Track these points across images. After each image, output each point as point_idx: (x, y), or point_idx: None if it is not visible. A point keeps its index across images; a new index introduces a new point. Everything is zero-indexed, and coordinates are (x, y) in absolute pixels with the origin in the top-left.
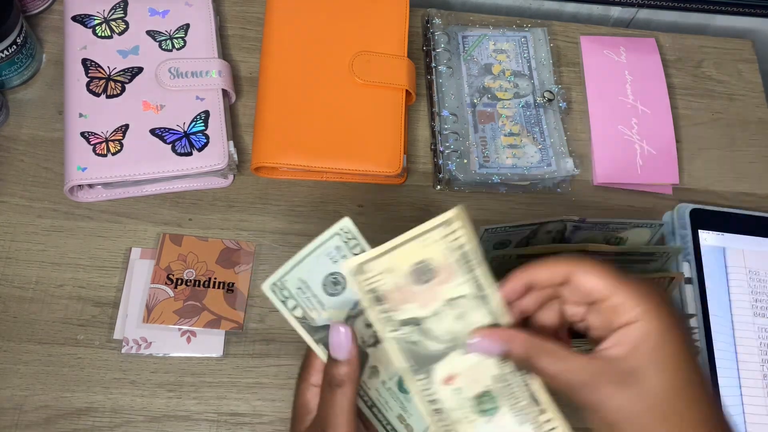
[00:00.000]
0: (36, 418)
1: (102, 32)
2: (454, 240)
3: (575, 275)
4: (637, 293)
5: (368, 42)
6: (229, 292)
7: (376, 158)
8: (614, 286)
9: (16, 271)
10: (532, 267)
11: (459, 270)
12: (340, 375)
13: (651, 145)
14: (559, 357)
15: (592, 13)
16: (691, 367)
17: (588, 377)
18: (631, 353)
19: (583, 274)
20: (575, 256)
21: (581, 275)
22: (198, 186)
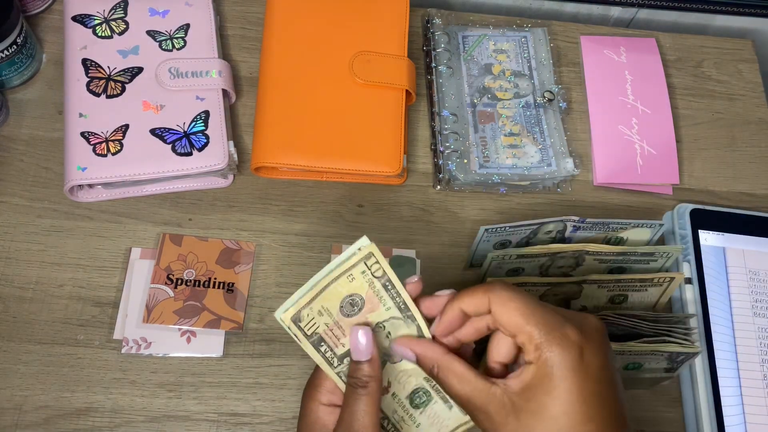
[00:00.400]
0: (36, 418)
1: (102, 32)
2: (374, 271)
3: (493, 305)
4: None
5: (368, 42)
6: (229, 292)
7: (376, 158)
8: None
9: (16, 271)
10: (460, 296)
11: (383, 297)
12: (364, 375)
13: (651, 145)
14: (462, 378)
15: (592, 13)
16: (582, 415)
17: (484, 403)
18: (522, 392)
19: (500, 305)
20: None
21: (499, 306)
22: (198, 186)
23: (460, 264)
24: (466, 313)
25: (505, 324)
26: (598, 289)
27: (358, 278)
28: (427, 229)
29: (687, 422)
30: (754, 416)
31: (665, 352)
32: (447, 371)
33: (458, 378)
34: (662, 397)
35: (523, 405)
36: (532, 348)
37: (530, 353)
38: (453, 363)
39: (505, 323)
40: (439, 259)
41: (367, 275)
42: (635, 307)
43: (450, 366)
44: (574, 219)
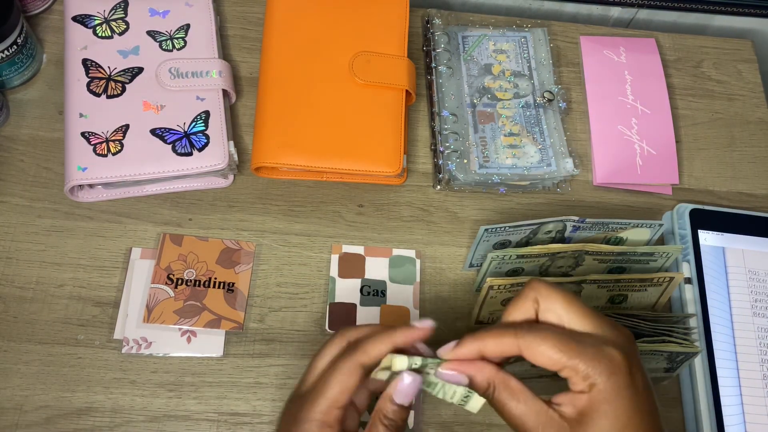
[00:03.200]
0: (36, 418)
1: (102, 32)
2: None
3: (525, 350)
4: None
5: (368, 42)
6: (229, 292)
7: (376, 158)
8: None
9: (17, 271)
10: (481, 337)
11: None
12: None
13: (651, 145)
14: (519, 398)
15: (592, 13)
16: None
17: (541, 424)
18: (580, 418)
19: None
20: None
21: (531, 351)
22: (198, 186)
23: (460, 264)
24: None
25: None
26: (598, 289)
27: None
28: (427, 229)
29: (687, 422)
30: (754, 416)
31: (665, 352)
32: (504, 390)
33: (515, 397)
34: (662, 397)
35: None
36: (579, 379)
37: (579, 384)
38: (510, 381)
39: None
40: (439, 259)
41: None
42: (635, 307)
43: (507, 384)
44: (573, 219)
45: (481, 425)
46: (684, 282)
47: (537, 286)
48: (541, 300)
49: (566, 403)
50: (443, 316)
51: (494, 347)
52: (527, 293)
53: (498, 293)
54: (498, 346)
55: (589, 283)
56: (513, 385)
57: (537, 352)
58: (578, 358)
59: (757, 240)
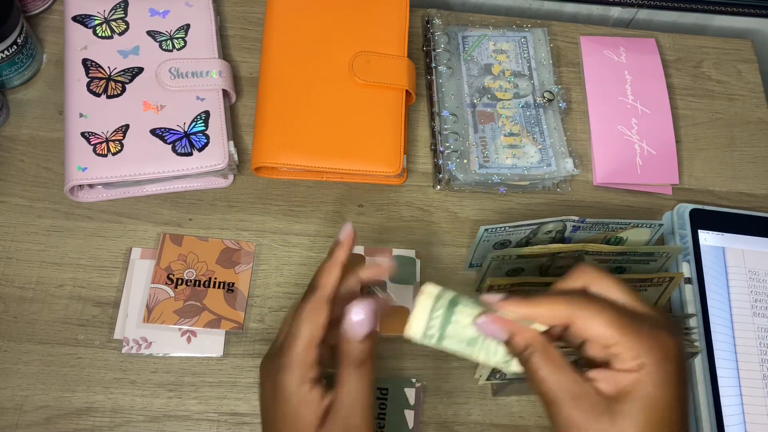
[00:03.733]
0: (36, 418)
1: (102, 32)
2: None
3: (578, 320)
4: (641, 345)
5: (368, 42)
6: (229, 292)
7: (376, 158)
8: (617, 336)
9: (17, 271)
10: (532, 302)
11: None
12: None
13: (651, 145)
14: (557, 367)
15: (592, 13)
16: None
17: (570, 396)
18: (619, 397)
19: (586, 321)
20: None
21: (584, 321)
22: (198, 186)
23: (460, 264)
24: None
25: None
26: None
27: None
28: (427, 229)
29: None
30: (754, 416)
31: None
32: (542, 355)
33: (552, 365)
34: None
35: (620, 408)
36: (629, 358)
37: (627, 363)
38: (549, 348)
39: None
40: (439, 259)
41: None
42: None
43: (547, 350)
44: (573, 219)
45: (481, 425)
46: (684, 282)
47: (587, 268)
48: (593, 282)
49: (604, 379)
50: None
51: (545, 313)
52: (577, 275)
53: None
54: (549, 313)
55: None
56: (552, 352)
57: (591, 324)
58: (633, 336)
59: (757, 240)
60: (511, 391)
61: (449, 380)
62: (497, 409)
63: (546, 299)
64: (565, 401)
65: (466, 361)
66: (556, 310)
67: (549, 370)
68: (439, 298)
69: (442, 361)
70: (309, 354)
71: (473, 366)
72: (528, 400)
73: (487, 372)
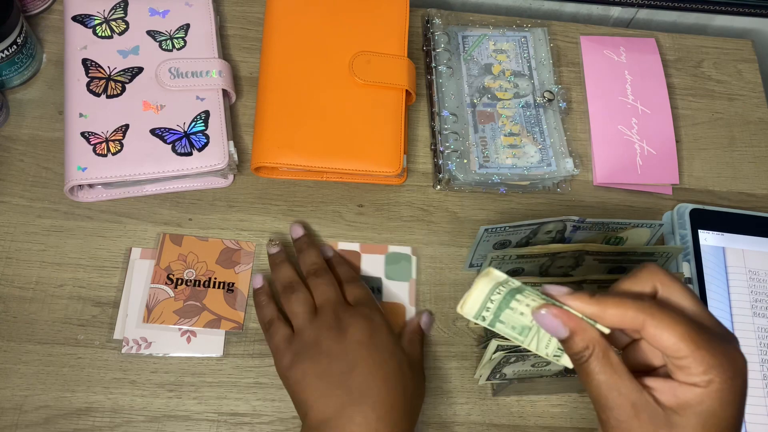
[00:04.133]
0: (36, 418)
1: (102, 32)
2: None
3: (649, 328)
4: (711, 361)
5: (368, 42)
6: (229, 292)
7: (376, 158)
8: (689, 349)
9: (16, 271)
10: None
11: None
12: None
13: (651, 145)
14: (615, 372)
15: (592, 13)
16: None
17: (625, 403)
18: (679, 410)
19: (658, 330)
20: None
21: (656, 330)
22: (198, 186)
23: (460, 264)
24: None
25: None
26: (599, 289)
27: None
28: (427, 229)
29: None
30: (754, 416)
31: None
32: (603, 360)
33: (612, 371)
34: None
35: (679, 422)
36: (698, 372)
37: (694, 377)
38: (610, 352)
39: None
40: (439, 259)
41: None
42: None
43: (607, 355)
44: (573, 219)
45: (481, 425)
46: (684, 282)
47: (656, 271)
48: (662, 287)
49: (664, 390)
50: (443, 316)
51: (614, 315)
52: (645, 277)
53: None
54: (618, 317)
55: (589, 283)
56: (613, 357)
57: (663, 334)
58: (705, 351)
59: (757, 240)
60: (511, 391)
61: (449, 380)
62: (497, 409)
63: (616, 301)
64: (623, 410)
65: (466, 361)
66: (628, 315)
67: (608, 375)
68: (500, 284)
69: (442, 361)
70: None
71: (473, 366)
72: (528, 400)
73: (487, 372)
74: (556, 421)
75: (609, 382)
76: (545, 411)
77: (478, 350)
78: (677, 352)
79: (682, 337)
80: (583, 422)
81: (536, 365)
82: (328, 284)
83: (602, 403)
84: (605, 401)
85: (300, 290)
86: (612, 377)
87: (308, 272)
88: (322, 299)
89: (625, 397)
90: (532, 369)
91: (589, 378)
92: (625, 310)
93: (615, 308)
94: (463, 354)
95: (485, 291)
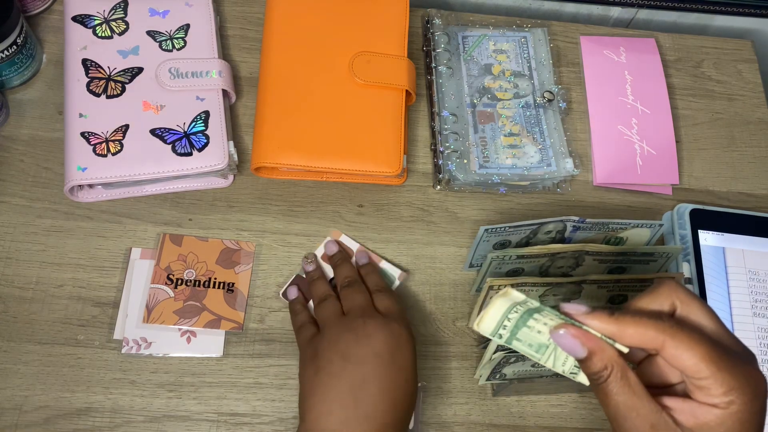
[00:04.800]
0: (36, 418)
1: (102, 32)
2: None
3: (668, 349)
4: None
5: (368, 42)
6: (229, 292)
7: (376, 158)
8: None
9: (16, 271)
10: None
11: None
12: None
13: (651, 146)
14: (634, 392)
15: (592, 13)
16: None
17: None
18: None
19: (678, 350)
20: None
21: (676, 351)
22: (198, 186)
23: (460, 264)
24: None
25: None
26: (598, 289)
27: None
28: (427, 229)
29: None
30: None
31: None
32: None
33: (631, 392)
34: None
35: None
36: (719, 393)
37: (714, 398)
38: (629, 372)
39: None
40: (439, 259)
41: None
42: None
43: (626, 375)
44: (573, 219)
45: (481, 425)
46: (684, 282)
47: (675, 288)
48: (681, 304)
49: (683, 410)
50: (443, 316)
51: (633, 335)
52: (664, 292)
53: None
54: (638, 336)
55: (589, 283)
56: (632, 377)
57: (684, 355)
58: (726, 372)
59: (757, 240)
60: (511, 392)
61: (449, 380)
62: (497, 409)
63: (635, 320)
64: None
65: (466, 361)
66: (648, 335)
67: (627, 396)
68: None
69: (442, 361)
70: None
71: (473, 366)
72: (528, 400)
73: (487, 372)
74: (556, 421)
75: (628, 403)
76: (545, 411)
77: (478, 350)
78: (698, 373)
79: (703, 358)
80: (583, 422)
81: (536, 365)
82: (357, 292)
83: (620, 423)
84: (623, 422)
85: (331, 300)
86: (631, 398)
87: (342, 285)
88: (351, 305)
89: (644, 419)
90: (532, 369)
91: (607, 398)
92: (645, 330)
93: (634, 328)
94: (463, 354)
95: (502, 310)
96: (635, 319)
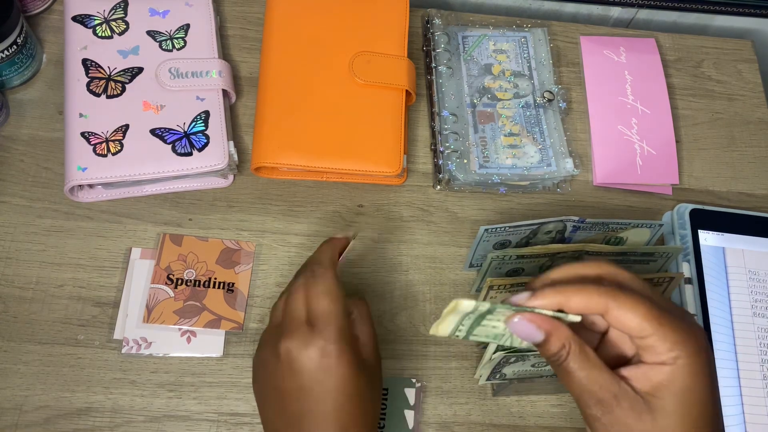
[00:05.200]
0: (36, 418)
1: (102, 32)
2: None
3: (612, 311)
4: (675, 337)
5: (368, 42)
6: (229, 292)
7: (376, 158)
8: (652, 327)
9: (17, 271)
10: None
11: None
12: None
13: (651, 145)
14: (594, 367)
15: (592, 13)
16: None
17: (607, 396)
18: (656, 392)
19: (620, 311)
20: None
21: (618, 311)
22: (198, 186)
23: (460, 264)
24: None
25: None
26: None
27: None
28: (427, 229)
29: None
30: (754, 416)
31: None
32: (580, 356)
33: (589, 366)
34: None
35: (658, 404)
36: (664, 350)
37: (661, 355)
38: (585, 347)
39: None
40: (439, 259)
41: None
42: None
43: (583, 350)
44: (573, 219)
45: (481, 425)
46: (684, 282)
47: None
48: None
49: (637, 377)
50: None
51: (579, 302)
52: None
53: (498, 293)
54: (583, 303)
55: None
56: (589, 351)
57: (627, 315)
58: (668, 328)
59: (757, 240)
60: (511, 392)
61: (449, 380)
62: (497, 409)
63: (578, 288)
64: (609, 402)
65: (466, 361)
66: (592, 300)
67: (587, 371)
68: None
69: (442, 361)
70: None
71: (473, 366)
72: (528, 400)
73: (487, 372)
74: (556, 421)
75: (590, 377)
76: (545, 411)
77: (478, 350)
78: (642, 332)
79: (645, 316)
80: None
81: (536, 365)
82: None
83: (585, 400)
84: (588, 396)
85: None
86: (592, 372)
87: None
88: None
89: (606, 390)
90: (532, 369)
91: (570, 377)
92: (588, 295)
93: (578, 295)
94: (463, 354)
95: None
96: (578, 287)
